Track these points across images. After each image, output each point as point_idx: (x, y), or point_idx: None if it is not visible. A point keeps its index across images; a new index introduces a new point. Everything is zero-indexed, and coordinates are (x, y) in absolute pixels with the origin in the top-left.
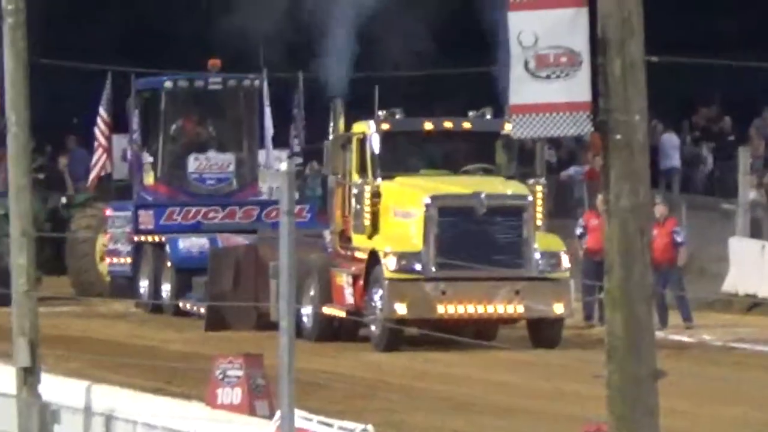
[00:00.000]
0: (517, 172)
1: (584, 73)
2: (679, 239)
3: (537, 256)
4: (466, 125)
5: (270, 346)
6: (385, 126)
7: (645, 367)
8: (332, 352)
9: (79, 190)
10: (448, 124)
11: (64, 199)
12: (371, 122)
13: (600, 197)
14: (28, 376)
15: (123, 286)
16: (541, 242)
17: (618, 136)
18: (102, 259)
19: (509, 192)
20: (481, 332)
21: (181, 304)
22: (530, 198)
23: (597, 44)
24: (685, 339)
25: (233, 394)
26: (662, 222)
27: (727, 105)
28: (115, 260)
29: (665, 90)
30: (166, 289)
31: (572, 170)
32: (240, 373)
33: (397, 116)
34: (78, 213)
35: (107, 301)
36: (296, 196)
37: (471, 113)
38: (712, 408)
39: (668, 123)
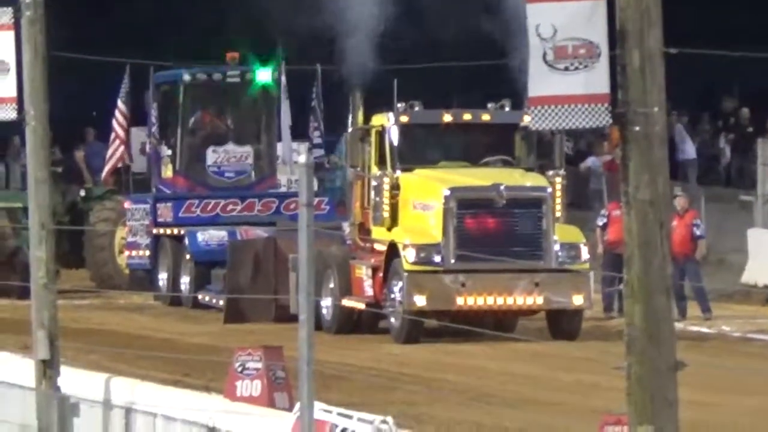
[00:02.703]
0: (535, 164)
1: (603, 64)
2: (698, 232)
3: (556, 247)
4: (485, 117)
5: (289, 338)
6: (404, 118)
7: (664, 358)
8: (352, 344)
9: (98, 183)
10: (467, 116)
11: (82, 192)
12: (390, 114)
13: None
14: (48, 369)
15: (142, 278)
16: (561, 234)
17: (636, 128)
18: (121, 251)
19: (528, 184)
20: (500, 324)
21: (199, 297)
22: (549, 190)
23: (615, 36)
24: (705, 330)
25: (252, 387)
26: (682, 214)
27: (745, 96)
28: (133, 253)
29: (685, 81)
30: (184, 281)
31: (590, 161)
32: (259, 365)
33: (416, 108)
34: (97, 206)
35: (126, 294)
36: (315, 188)
37: (490, 105)
38: (732, 399)
39: (685, 114)
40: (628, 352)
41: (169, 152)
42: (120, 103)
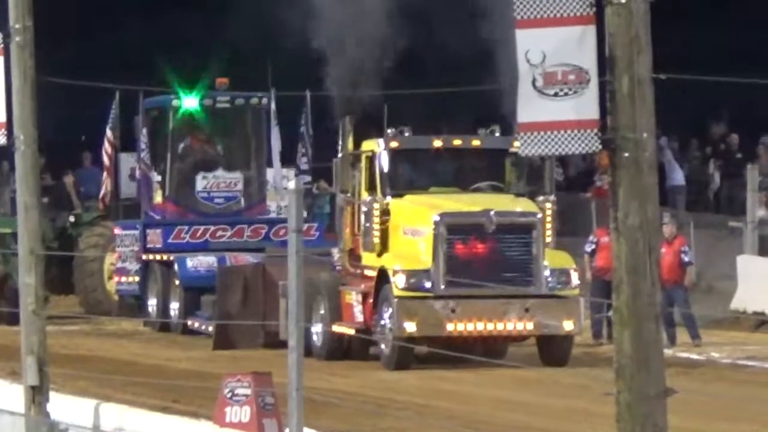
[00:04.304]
0: (526, 190)
1: (592, 90)
2: (687, 259)
3: (547, 273)
4: (475, 143)
5: (279, 364)
6: (394, 144)
7: (654, 385)
8: (342, 371)
9: (90, 208)
10: (457, 142)
11: (72, 218)
12: (380, 140)
13: None
14: (37, 395)
15: (131, 304)
16: (551, 260)
17: (626, 154)
18: (110, 277)
19: (518, 209)
20: (490, 350)
21: (189, 323)
22: (539, 215)
23: (605, 62)
24: (694, 357)
25: (242, 413)
26: (671, 241)
27: (735, 122)
28: (123, 279)
29: (674, 107)
30: (174, 307)
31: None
32: (248, 391)
33: (406, 134)
34: (86, 232)
35: (115, 320)
36: (304, 214)
37: (480, 130)
38: (721, 426)
39: (675, 140)
40: (617, 378)
41: (159, 178)
42: (108, 131)
